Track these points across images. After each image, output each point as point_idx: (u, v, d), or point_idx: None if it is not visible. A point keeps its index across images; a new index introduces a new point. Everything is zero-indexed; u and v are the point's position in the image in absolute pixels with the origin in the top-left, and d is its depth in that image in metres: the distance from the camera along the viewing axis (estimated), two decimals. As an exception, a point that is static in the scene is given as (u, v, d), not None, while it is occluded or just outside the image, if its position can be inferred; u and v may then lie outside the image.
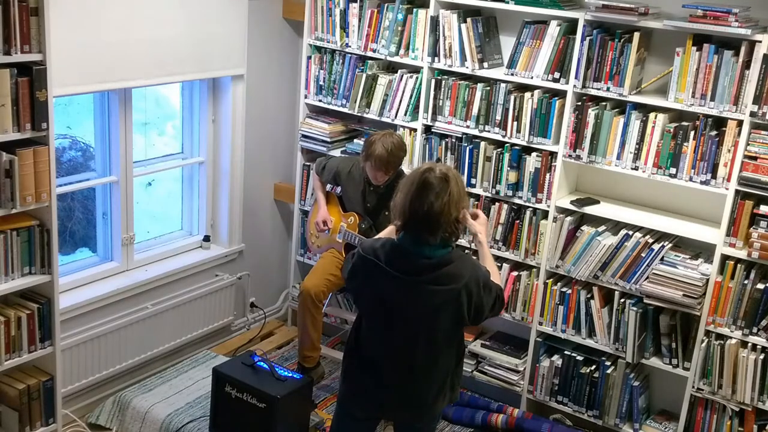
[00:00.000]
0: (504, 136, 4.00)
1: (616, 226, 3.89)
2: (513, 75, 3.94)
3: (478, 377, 4.26)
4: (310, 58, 4.56)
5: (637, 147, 3.69)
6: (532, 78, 3.88)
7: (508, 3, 3.91)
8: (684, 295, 3.60)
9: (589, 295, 3.92)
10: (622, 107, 3.75)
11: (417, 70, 4.23)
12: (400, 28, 4.22)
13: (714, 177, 3.54)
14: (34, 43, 3.03)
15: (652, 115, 3.65)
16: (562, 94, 3.85)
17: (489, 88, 4.01)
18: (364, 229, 4.15)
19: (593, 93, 3.74)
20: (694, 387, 3.72)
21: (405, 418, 2.94)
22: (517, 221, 4.06)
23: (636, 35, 3.58)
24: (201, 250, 4.60)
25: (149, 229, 4.47)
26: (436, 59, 4.12)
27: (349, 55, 4.42)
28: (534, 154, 3.96)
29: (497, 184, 4.06)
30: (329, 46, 4.47)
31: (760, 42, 3.32)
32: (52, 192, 3.25)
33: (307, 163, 4.71)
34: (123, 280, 4.11)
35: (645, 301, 3.72)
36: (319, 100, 4.60)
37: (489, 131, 4.05)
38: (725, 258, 3.57)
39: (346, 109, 4.49)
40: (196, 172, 4.59)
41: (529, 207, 4.03)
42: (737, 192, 3.48)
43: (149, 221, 4.49)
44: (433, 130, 4.21)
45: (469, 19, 3.97)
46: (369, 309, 2.82)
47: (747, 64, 3.38)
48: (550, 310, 4.03)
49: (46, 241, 3.30)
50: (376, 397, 2.86)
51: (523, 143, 3.96)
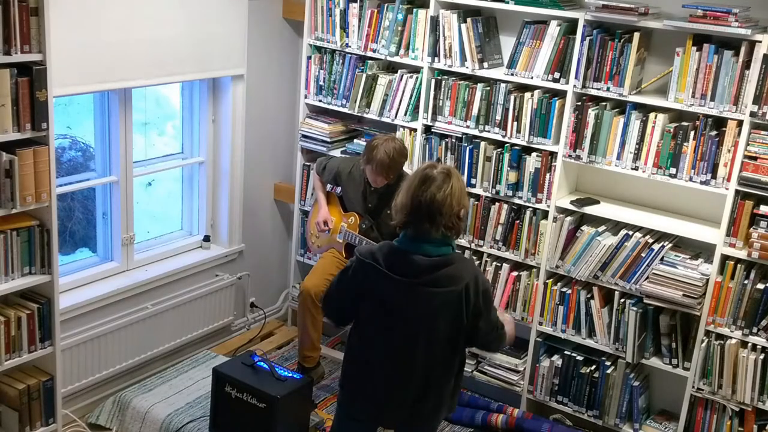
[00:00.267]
0: (504, 136, 4.00)
1: (616, 226, 3.89)
2: (513, 75, 3.94)
3: (478, 377, 4.26)
4: (310, 58, 4.56)
5: (637, 147, 3.68)
6: (532, 78, 3.88)
7: (508, 3, 3.91)
8: (684, 295, 3.60)
9: (589, 295, 3.92)
10: (622, 107, 3.75)
11: (417, 70, 4.23)
12: (400, 28, 4.22)
13: (714, 177, 3.54)
14: (34, 43, 3.03)
15: (652, 115, 3.65)
16: (562, 94, 3.85)
17: (489, 88, 4.01)
18: (365, 229, 4.15)
19: (593, 93, 3.74)
20: (694, 387, 3.72)
21: (404, 423, 2.92)
22: (517, 221, 4.06)
23: (636, 35, 3.58)
24: (201, 250, 4.60)
25: (149, 229, 4.46)
26: (436, 59, 4.12)
27: (349, 55, 4.42)
28: (534, 154, 3.96)
29: (497, 184, 4.06)
30: (329, 46, 4.47)
31: (760, 42, 3.32)
32: (52, 192, 3.24)
33: (307, 163, 4.71)
34: (123, 280, 4.11)
35: (645, 301, 3.72)
36: (319, 100, 4.60)
37: (489, 131, 4.05)
38: (725, 258, 3.57)
39: (346, 109, 4.49)
40: (196, 172, 4.58)
41: (529, 207, 4.03)
42: (737, 192, 3.48)
43: (149, 221, 4.48)
44: (433, 130, 4.21)
45: (469, 19, 3.97)
46: (368, 312, 2.81)
47: (747, 64, 3.38)
48: (550, 310, 4.03)
49: (46, 241, 3.30)
50: (376, 400, 2.85)
51: (523, 143, 3.96)
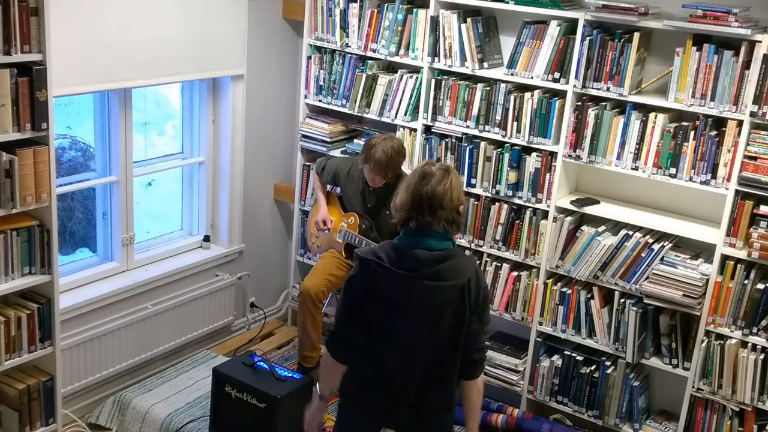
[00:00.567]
0: (504, 136, 4.00)
1: (616, 226, 3.89)
2: (513, 75, 3.94)
3: (478, 377, 4.26)
4: (310, 58, 4.56)
5: (637, 147, 3.68)
6: (532, 78, 3.88)
7: (508, 3, 3.91)
8: (684, 295, 3.60)
9: (589, 295, 3.92)
10: (622, 107, 3.75)
11: (417, 70, 4.23)
12: (400, 28, 4.22)
13: (714, 177, 3.54)
14: (34, 43, 3.03)
15: (652, 115, 3.65)
16: (562, 94, 3.85)
17: (489, 88, 4.01)
18: (365, 229, 4.15)
19: (593, 93, 3.74)
20: (694, 387, 3.72)
21: (407, 424, 2.89)
22: (517, 221, 4.06)
23: (636, 35, 3.58)
24: (201, 250, 4.60)
25: (149, 229, 4.46)
26: (436, 59, 4.12)
27: (349, 55, 4.42)
28: (534, 154, 3.96)
29: (497, 184, 4.06)
30: (329, 46, 4.47)
31: (760, 42, 3.32)
32: (52, 192, 3.25)
33: (307, 163, 4.71)
34: (123, 280, 4.11)
35: (645, 301, 3.72)
36: (319, 100, 4.60)
37: (489, 131, 4.05)
38: (725, 258, 3.57)
39: (346, 109, 4.49)
40: (196, 172, 4.58)
41: (529, 207, 4.03)
42: (737, 192, 3.48)
43: (149, 221, 4.48)
44: (433, 130, 4.21)
45: (469, 19, 3.97)
46: (371, 312, 2.80)
47: (747, 64, 3.38)
48: (550, 310, 4.03)
49: (46, 241, 3.30)
50: (379, 400, 2.83)
51: (523, 143, 3.96)
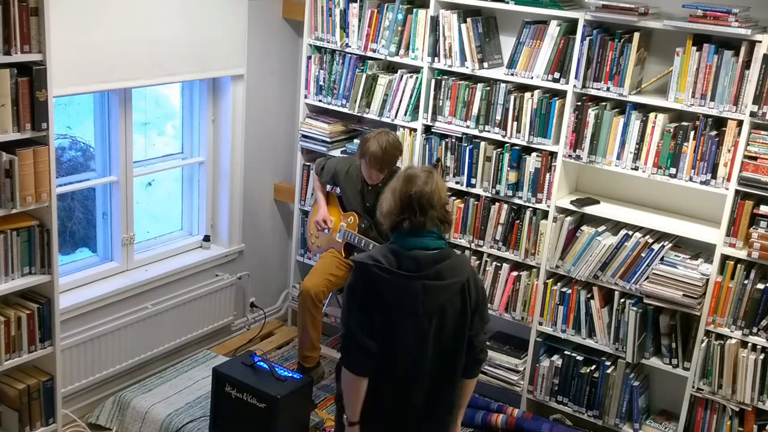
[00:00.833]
0: (504, 136, 4.00)
1: (616, 226, 3.89)
2: (513, 75, 3.94)
3: (478, 377, 4.25)
4: (310, 58, 4.56)
5: (637, 147, 3.68)
6: (532, 78, 3.88)
7: (508, 3, 3.91)
8: (684, 295, 3.60)
9: (589, 295, 3.92)
10: (622, 107, 3.75)
11: (417, 70, 4.23)
12: (400, 28, 4.22)
13: (714, 177, 3.54)
14: (34, 43, 3.03)
15: (652, 115, 3.65)
16: (562, 94, 3.85)
17: (489, 88, 4.01)
18: (364, 228, 4.15)
19: (593, 93, 3.74)
20: (694, 387, 3.72)
21: (416, 428, 2.87)
22: (517, 221, 4.06)
23: (636, 35, 3.58)
24: (201, 250, 4.60)
25: (149, 229, 4.46)
26: (436, 59, 4.12)
27: (349, 55, 4.42)
28: (534, 154, 3.96)
29: (497, 184, 4.06)
30: (329, 46, 4.47)
31: (760, 42, 3.32)
32: (52, 192, 3.24)
33: (307, 163, 4.71)
34: (123, 280, 4.11)
35: (645, 301, 3.72)
36: (319, 100, 4.60)
37: (489, 131, 4.05)
38: (725, 258, 3.57)
39: (346, 109, 4.49)
40: (196, 172, 4.58)
41: (529, 207, 4.03)
42: (737, 192, 3.48)
43: (149, 221, 4.48)
44: (433, 130, 4.21)
45: (469, 19, 3.97)
46: (375, 315, 2.78)
47: (747, 64, 3.38)
48: (550, 310, 4.03)
49: (46, 241, 3.30)
50: (388, 406, 2.80)
51: (523, 143, 3.96)
